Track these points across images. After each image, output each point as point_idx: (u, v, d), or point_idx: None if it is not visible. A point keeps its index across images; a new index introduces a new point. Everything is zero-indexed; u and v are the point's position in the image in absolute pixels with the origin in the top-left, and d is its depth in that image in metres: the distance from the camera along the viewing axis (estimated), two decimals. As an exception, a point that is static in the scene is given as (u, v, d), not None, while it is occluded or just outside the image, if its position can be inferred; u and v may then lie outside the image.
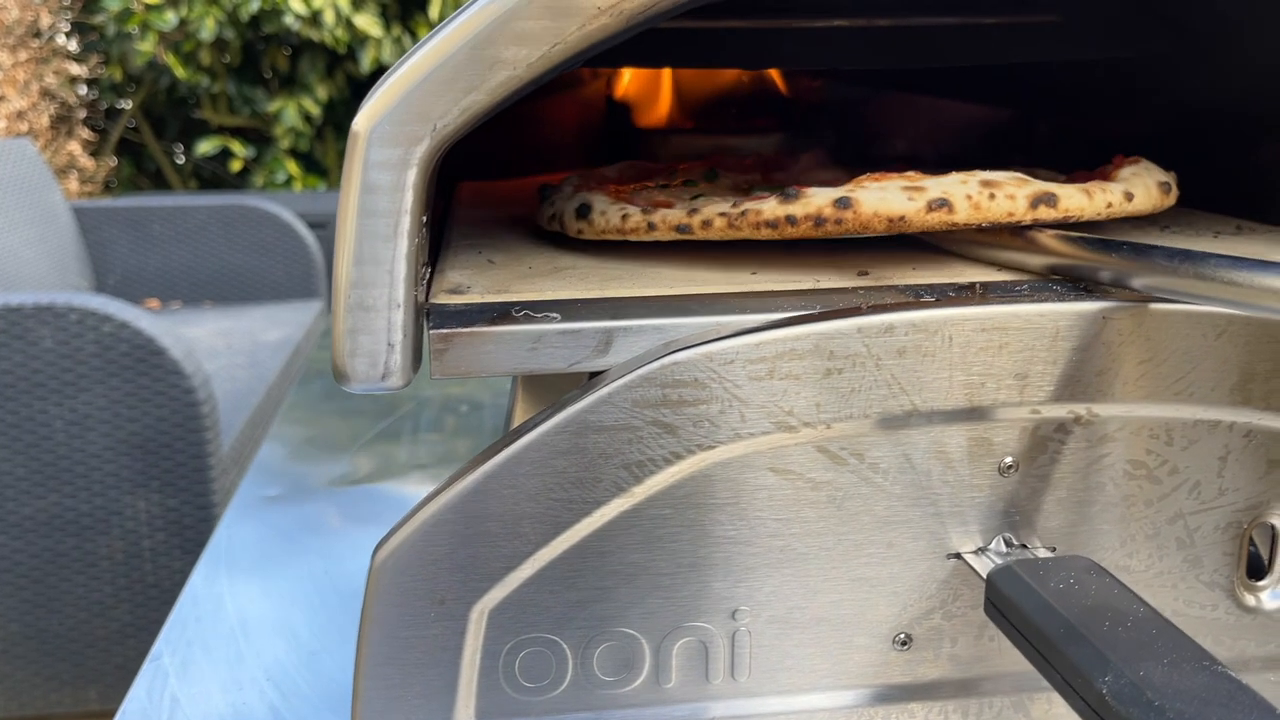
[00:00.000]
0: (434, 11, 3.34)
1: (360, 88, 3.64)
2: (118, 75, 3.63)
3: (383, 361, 0.44)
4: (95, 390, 1.70)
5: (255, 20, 3.34)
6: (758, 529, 0.47)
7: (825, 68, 0.88)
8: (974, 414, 0.48)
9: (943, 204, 0.50)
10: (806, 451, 0.47)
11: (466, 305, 0.48)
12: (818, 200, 0.51)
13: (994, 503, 0.49)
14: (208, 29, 3.29)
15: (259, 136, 3.77)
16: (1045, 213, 0.51)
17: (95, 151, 3.67)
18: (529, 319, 0.46)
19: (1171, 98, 0.69)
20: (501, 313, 0.47)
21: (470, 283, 0.52)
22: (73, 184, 3.31)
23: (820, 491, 0.47)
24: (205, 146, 3.60)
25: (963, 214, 0.50)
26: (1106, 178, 0.60)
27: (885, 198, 0.50)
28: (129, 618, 1.76)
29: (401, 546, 0.45)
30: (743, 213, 0.52)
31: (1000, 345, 0.47)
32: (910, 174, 0.53)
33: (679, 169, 0.73)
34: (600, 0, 0.41)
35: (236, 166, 3.66)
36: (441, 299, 0.49)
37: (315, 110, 3.55)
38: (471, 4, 0.42)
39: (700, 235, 0.54)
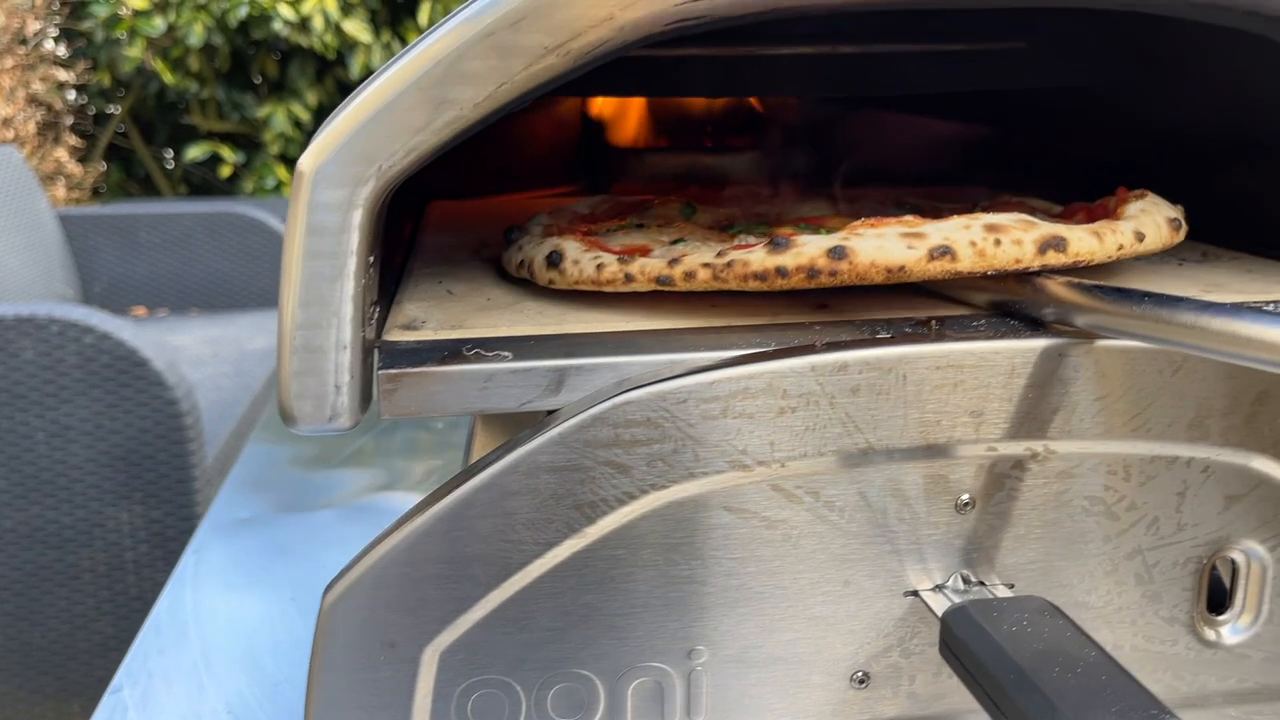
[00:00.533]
0: (423, 17, 3.33)
1: (351, 93, 3.63)
2: (106, 81, 3.62)
3: (330, 403, 0.44)
4: (77, 402, 1.69)
5: (244, 26, 3.33)
6: (713, 568, 0.47)
7: (790, 95, 0.88)
8: (930, 451, 0.47)
9: (945, 251, 0.47)
10: (761, 490, 0.47)
11: (418, 343, 0.48)
12: (810, 250, 0.47)
13: (951, 540, 0.48)
14: (196, 35, 3.28)
15: (249, 142, 3.76)
16: (1054, 258, 0.49)
17: (84, 157, 3.66)
18: (480, 358, 0.46)
19: (1140, 122, 0.69)
20: (453, 351, 0.46)
21: (426, 316, 0.52)
22: (60, 190, 3.30)
23: (776, 530, 0.47)
24: (194, 152, 3.59)
25: (967, 261, 0.47)
26: (1110, 212, 0.57)
27: (883, 246, 0.47)
28: (112, 630, 1.76)
29: (351, 589, 0.45)
30: (729, 264, 0.48)
31: (955, 383, 0.46)
32: (908, 218, 0.51)
33: (654, 203, 0.71)
34: (546, 40, 0.41)
35: (226, 172, 3.65)
36: (394, 335, 0.49)
37: (305, 116, 3.54)
38: (416, 44, 0.42)
39: (683, 288, 0.50)
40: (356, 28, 3.32)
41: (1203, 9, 0.45)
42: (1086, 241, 0.50)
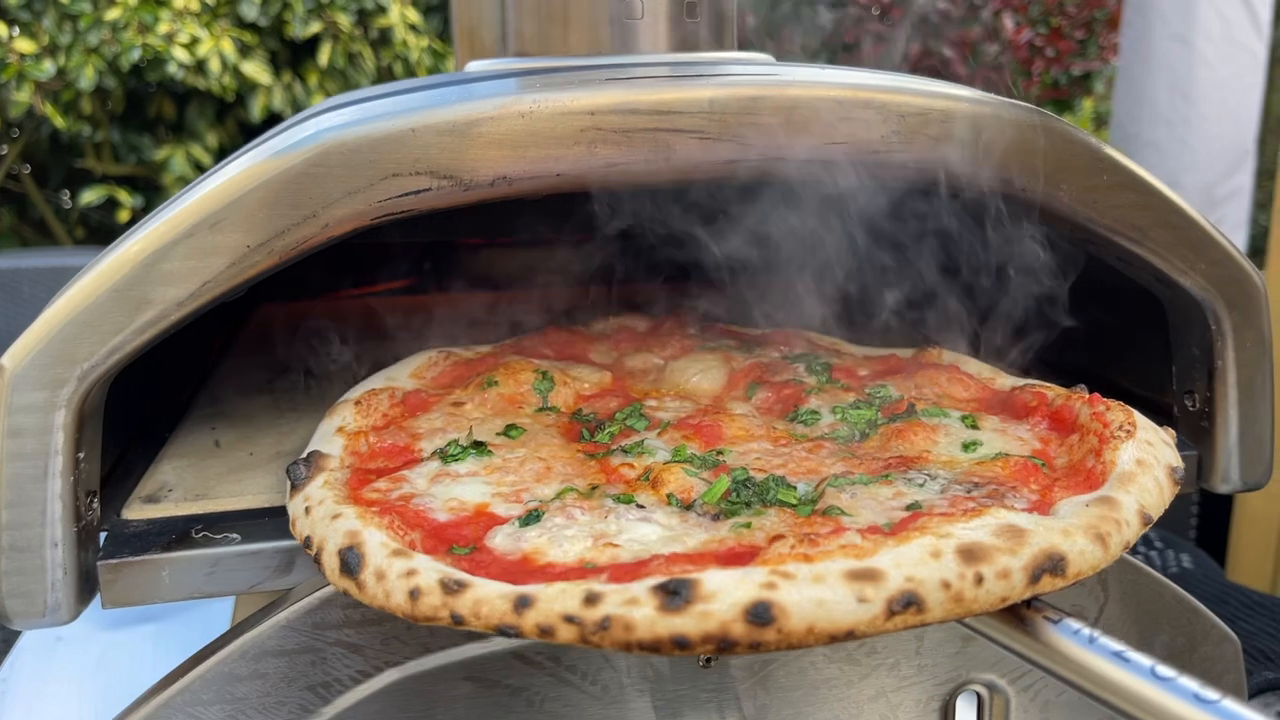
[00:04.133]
0: (323, 58, 3.30)
1: (252, 134, 3.57)
2: (-5, 123, 3.51)
3: (44, 600, 0.43)
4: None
5: (137, 69, 3.27)
6: (456, 736, 0.47)
7: (558, 234, 0.89)
8: (669, 611, 0.48)
9: (909, 603, 0.34)
10: (503, 659, 0.47)
11: (150, 522, 0.47)
12: (720, 610, 0.33)
13: (698, 694, 0.49)
14: (87, 78, 3.20)
15: (148, 184, 3.68)
16: (1050, 584, 0.37)
17: (-28, 203, 3.54)
18: (207, 541, 0.45)
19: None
20: (181, 534, 0.46)
21: (176, 481, 0.51)
22: (-56, 240, 3.18)
23: (519, 697, 0.48)
24: (90, 196, 3.50)
25: (938, 611, 0.35)
26: (1079, 428, 0.47)
27: (823, 599, 0.34)
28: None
29: (75, 783, 0.44)
30: (603, 622, 0.34)
31: (689, 546, 0.47)
32: (854, 542, 0.37)
33: (498, 374, 0.57)
34: (248, 239, 0.41)
35: (125, 216, 3.56)
36: (132, 510, 0.48)
37: (206, 158, 3.48)
38: (116, 246, 0.42)
39: (535, 639, 0.36)
40: (256, 69, 3.28)
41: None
42: (1090, 555, 0.38)
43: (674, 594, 0.34)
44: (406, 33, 3.33)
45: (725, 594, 0.34)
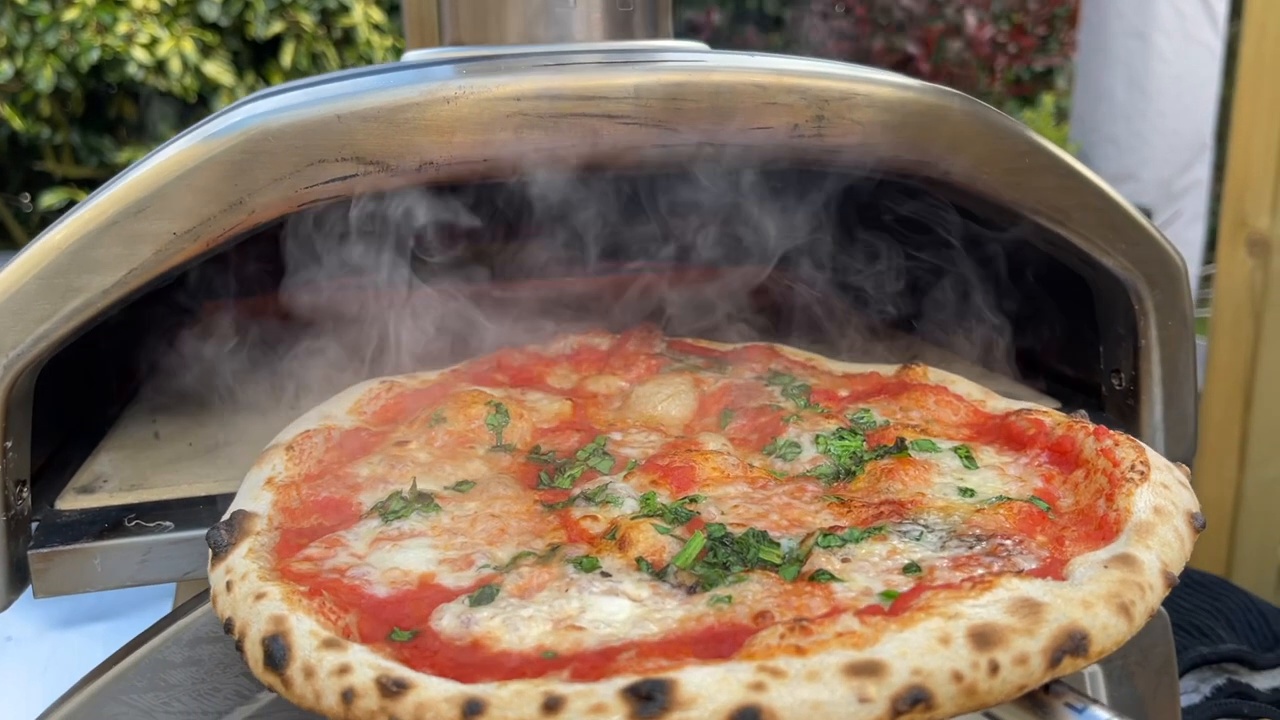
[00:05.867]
0: (286, 59, 3.28)
1: (215, 134, 3.55)
2: (-48, 126, 3.46)
3: (-28, 590, 0.43)
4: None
5: (97, 69, 3.23)
6: (395, 720, 0.47)
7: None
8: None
9: (917, 700, 0.31)
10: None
11: (83, 512, 0.47)
12: (700, 717, 0.30)
13: None
14: (45, 79, 3.17)
15: (110, 186, 3.64)
16: (1071, 665, 0.33)
17: (-71, 206, 3.49)
18: (140, 529, 0.45)
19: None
20: (114, 523, 0.46)
21: (112, 472, 0.51)
22: (-101, 245, 3.13)
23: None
24: (50, 199, 3.46)
25: (949, 706, 0.32)
26: (1082, 464, 0.44)
27: (819, 701, 0.31)
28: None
29: (8, 773, 0.44)
30: None
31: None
32: (851, 628, 0.33)
33: (447, 402, 0.52)
34: (173, 226, 0.41)
35: (85, 218, 3.52)
36: (66, 501, 0.48)
37: (167, 159, 3.45)
38: (43, 234, 0.42)
39: None
40: (218, 70, 3.25)
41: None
42: (1114, 630, 0.34)
43: (648, 699, 0.30)
44: (370, 32, 3.32)
45: (707, 698, 0.30)
